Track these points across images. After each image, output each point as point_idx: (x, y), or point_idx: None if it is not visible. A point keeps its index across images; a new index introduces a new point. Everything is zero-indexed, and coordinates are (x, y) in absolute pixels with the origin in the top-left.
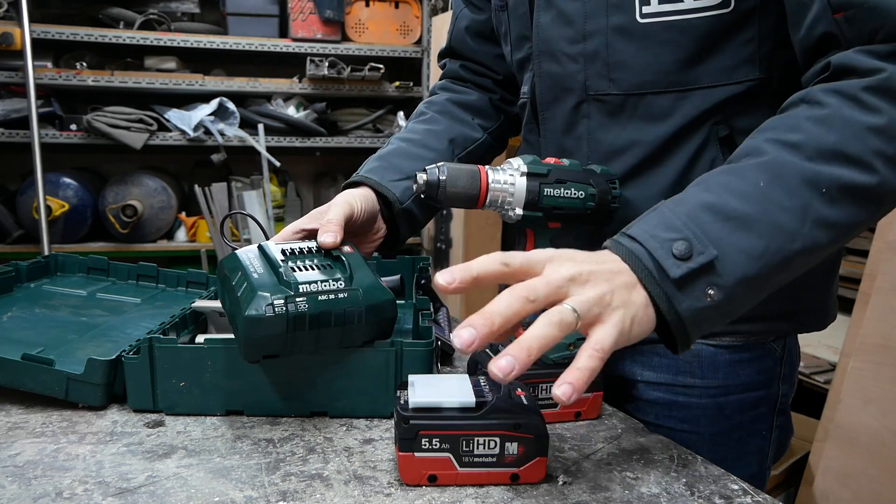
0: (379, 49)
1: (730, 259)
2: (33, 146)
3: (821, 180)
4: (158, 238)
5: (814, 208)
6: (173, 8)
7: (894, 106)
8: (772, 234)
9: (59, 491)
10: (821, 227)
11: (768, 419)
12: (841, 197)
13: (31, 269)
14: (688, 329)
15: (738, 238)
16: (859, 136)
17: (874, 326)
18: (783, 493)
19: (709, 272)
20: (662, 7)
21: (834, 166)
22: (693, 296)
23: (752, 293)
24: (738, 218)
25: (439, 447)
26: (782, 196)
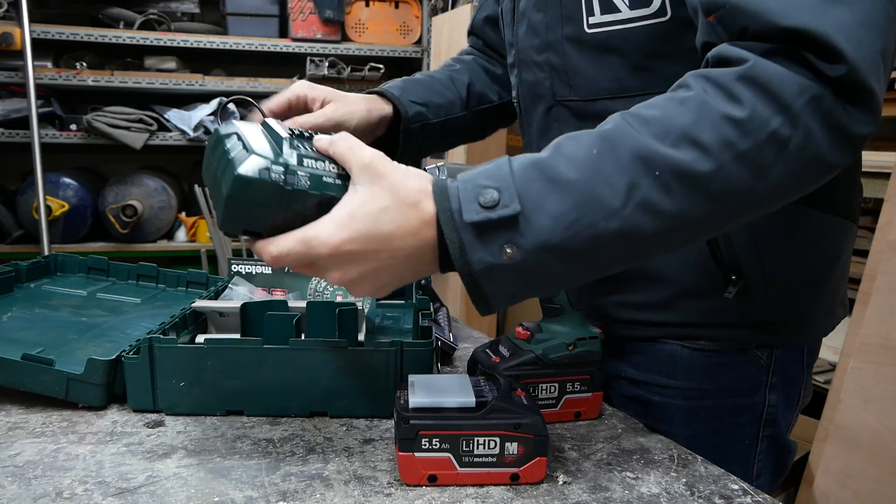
0: (379, 49)
1: (535, 220)
2: (33, 146)
3: (656, 161)
4: (158, 238)
5: (641, 189)
6: (173, 8)
7: (759, 99)
8: (588, 206)
9: (59, 491)
10: (646, 213)
11: (751, 428)
12: (674, 183)
13: (31, 270)
14: (480, 283)
15: (551, 201)
16: (714, 122)
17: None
18: (783, 493)
19: (510, 228)
20: (605, 17)
21: (676, 149)
22: (489, 249)
23: (558, 266)
24: (559, 181)
25: (439, 447)
26: (612, 169)
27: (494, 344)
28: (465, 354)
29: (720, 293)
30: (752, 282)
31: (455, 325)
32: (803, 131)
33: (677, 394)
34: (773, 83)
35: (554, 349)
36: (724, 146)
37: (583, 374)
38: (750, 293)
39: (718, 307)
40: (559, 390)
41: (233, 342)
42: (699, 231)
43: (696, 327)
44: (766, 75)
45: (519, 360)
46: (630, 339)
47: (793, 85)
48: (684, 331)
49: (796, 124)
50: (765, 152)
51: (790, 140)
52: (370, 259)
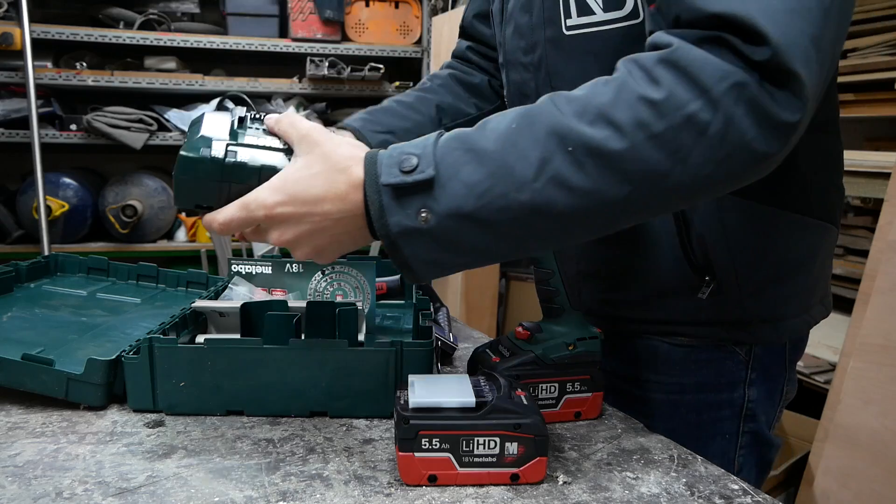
0: (379, 49)
1: (450, 187)
2: (33, 146)
3: (570, 137)
4: (158, 238)
5: (554, 164)
6: (173, 8)
7: (677, 82)
8: (500, 177)
9: (59, 491)
10: (557, 187)
11: (732, 423)
12: (586, 160)
13: (31, 270)
14: (398, 246)
15: (467, 170)
16: (629, 102)
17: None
18: (783, 493)
19: (425, 192)
20: (581, 20)
21: (591, 127)
22: (405, 213)
23: (473, 234)
24: (476, 151)
25: (439, 447)
26: (526, 142)
27: (494, 344)
28: (465, 354)
29: (695, 293)
30: (726, 282)
31: (455, 325)
32: (724, 116)
33: (658, 388)
34: (694, 67)
35: (554, 349)
36: (638, 126)
37: (583, 374)
38: (723, 292)
39: (693, 306)
40: (559, 390)
41: (233, 342)
42: (618, 213)
43: (674, 324)
44: (688, 59)
45: (519, 360)
46: (613, 334)
47: (715, 70)
48: (664, 327)
49: (716, 109)
50: (681, 135)
51: (709, 125)
52: (304, 221)
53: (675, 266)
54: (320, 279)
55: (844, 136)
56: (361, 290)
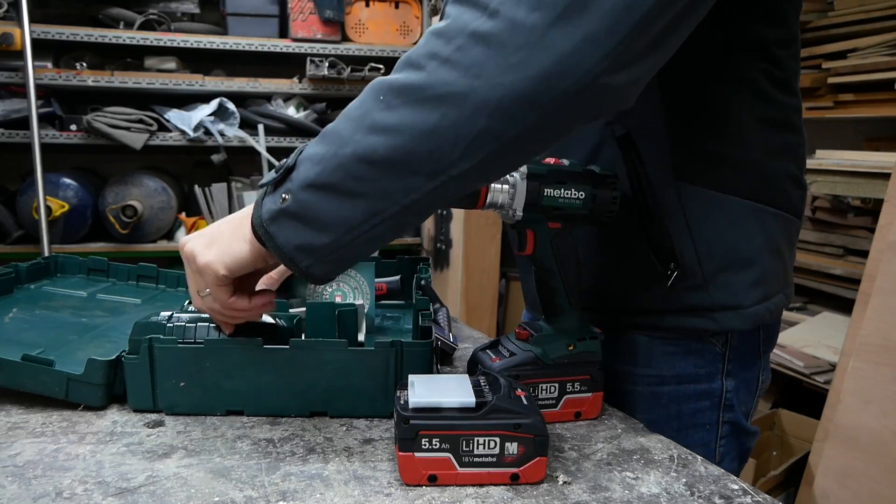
0: (379, 49)
1: (301, 167)
2: (33, 146)
3: (381, 88)
4: (158, 238)
5: (370, 115)
6: (173, 8)
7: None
8: (331, 142)
9: (59, 491)
10: (375, 132)
11: (712, 413)
12: (395, 101)
13: (31, 271)
14: (268, 229)
15: (314, 148)
16: (424, 42)
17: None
18: (783, 493)
19: (285, 180)
20: None
21: (396, 73)
22: (272, 200)
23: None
24: (325, 132)
25: (439, 447)
26: (352, 108)
27: (494, 344)
28: (465, 354)
29: (662, 282)
30: (690, 270)
31: (455, 325)
32: (504, 20)
33: (638, 381)
34: None
35: (554, 349)
36: (430, 57)
37: (583, 374)
38: (687, 279)
39: (661, 295)
40: (559, 390)
41: (233, 342)
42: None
43: (645, 314)
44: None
45: (519, 360)
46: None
47: None
48: (639, 318)
49: (495, 17)
50: (469, 53)
51: (490, 31)
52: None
53: (642, 256)
54: None
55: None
56: (361, 290)
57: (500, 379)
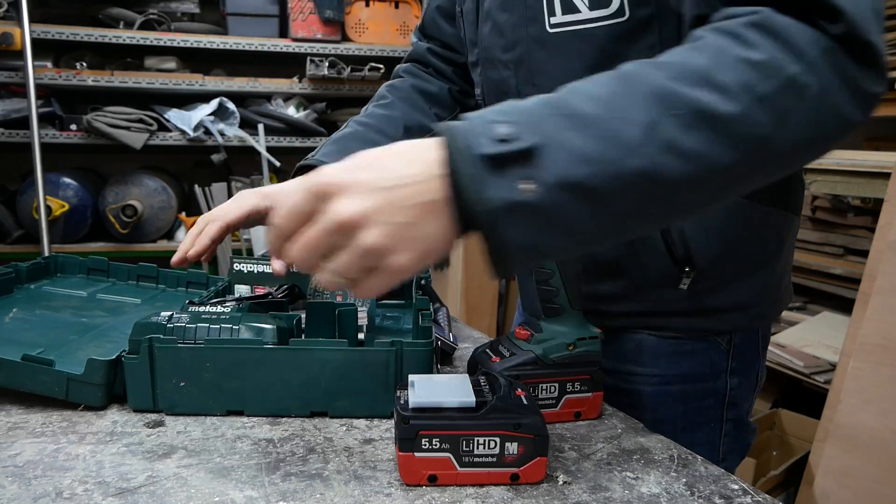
0: (379, 49)
1: (554, 154)
2: (33, 146)
3: (675, 101)
4: (158, 238)
5: (662, 128)
6: (173, 8)
7: (774, 45)
8: (608, 142)
9: (59, 491)
10: (668, 152)
11: (716, 411)
12: (697, 123)
13: (31, 271)
14: (498, 224)
15: (570, 136)
16: (732, 65)
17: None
18: (783, 493)
19: (526, 161)
20: (565, 18)
21: (695, 89)
22: (505, 184)
23: (580, 208)
24: (576, 116)
25: (439, 447)
26: (631, 106)
27: (494, 344)
28: (465, 354)
29: (676, 284)
30: (704, 273)
31: (455, 325)
32: (820, 80)
33: (645, 380)
34: (787, 32)
35: (554, 349)
36: (745, 88)
37: (583, 374)
38: (702, 283)
39: (674, 297)
40: (559, 390)
41: (233, 342)
42: (724, 182)
43: (656, 316)
44: (779, 24)
45: (519, 361)
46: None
47: (805, 35)
48: (648, 320)
49: (814, 72)
50: (785, 97)
51: (809, 88)
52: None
53: (657, 259)
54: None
55: None
56: None
57: (500, 379)
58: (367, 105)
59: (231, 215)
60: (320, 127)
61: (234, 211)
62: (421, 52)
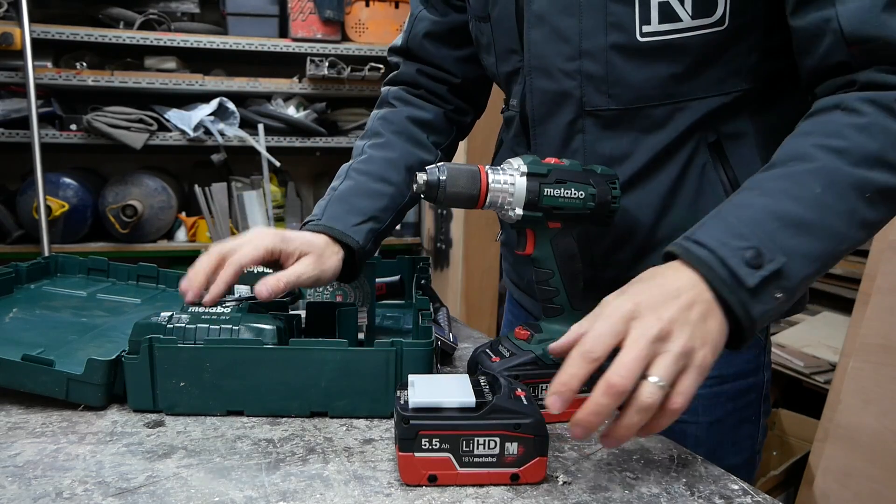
0: (379, 49)
1: (794, 263)
2: (33, 146)
3: (866, 186)
4: (158, 238)
5: (859, 212)
6: (173, 8)
7: None
8: (828, 238)
9: (59, 491)
10: (863, 228)
11: (757, 405)
12: (880, 199)
13: (31, 271)
14: (756, 329)
15: (799, 242)
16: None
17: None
18: (783, 493)
19: (778, 277)
20: (662, 27)
21: (875, 171)
22: (764, 300)
23: (805, 288)
24: (799, 224)
25: (439, 447)
26: (836, 202)
27: (494, 344)
28: (465, 354)
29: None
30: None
31: (455, 325)
32: None
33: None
34: None
35: None
36: None
37: None
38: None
39: None
40: None
41: (233, 342)
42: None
43: None
44: None
45: (519, 361)
46: None
47: None
48: None
49: None
50: None
51: None
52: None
53: None
54: None
55: None
56: (361, 290)
57: (500, 379)
58: (362, 144)
59: (246, 258)
60: (320, 127)
61: (250, 253)
62: (409, 74)
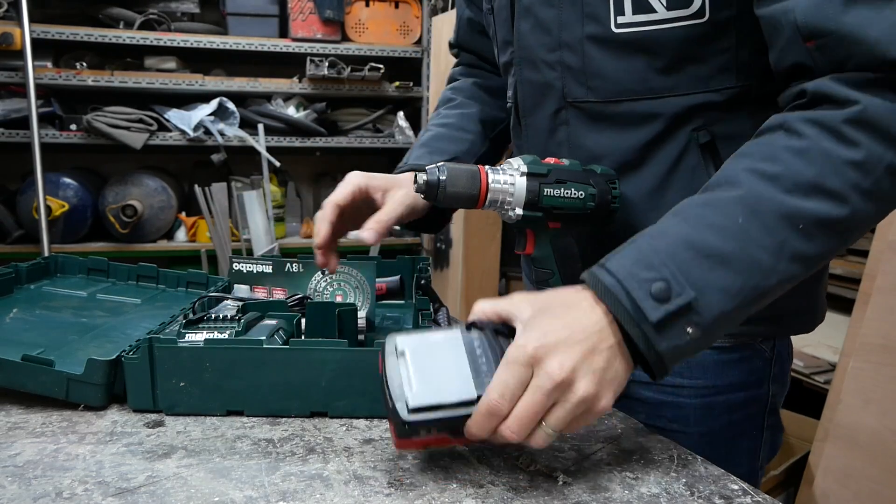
0: (379, 49)
1: (708, 298)
2: (33, 146)
3: (798, 216)
4: (158, 238)
5: (790, 244)
6: (173, 8)
7: (872, 139)
8: (749, 272)
9: (59, 491)
10: (796, 262)
11: (758, 419)
12: (816, 231)
13: (31, 271)
14: (666, 364)
15: (716, 276)
16: (838, 170)
17: (874, 326)
18: (783, 493)
19: (688, 312)
20: (637, 17)
21: (811, 200)
22: (672, 335)
23: (730, 324)
24: (716, 256)
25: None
26: (760, 233)
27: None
28: None
29: None
30: None
31: (455, 325)
32: None
33: (691, 392)
34: (885, 122)
35: None
36: (852, 189)
37: None
38: None
39: None
40: None
41: (233, 342)
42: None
43: None
44: (878, 115)
45: None
46: None
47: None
48: None
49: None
50: (884, 184)
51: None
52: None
53: None
54: (320, 279)
55: None
56: (361, 290)
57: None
58: (437, 109)
59: (339, 196)
60: (320, 127)
61: (341, 191)
62: (468, 59)
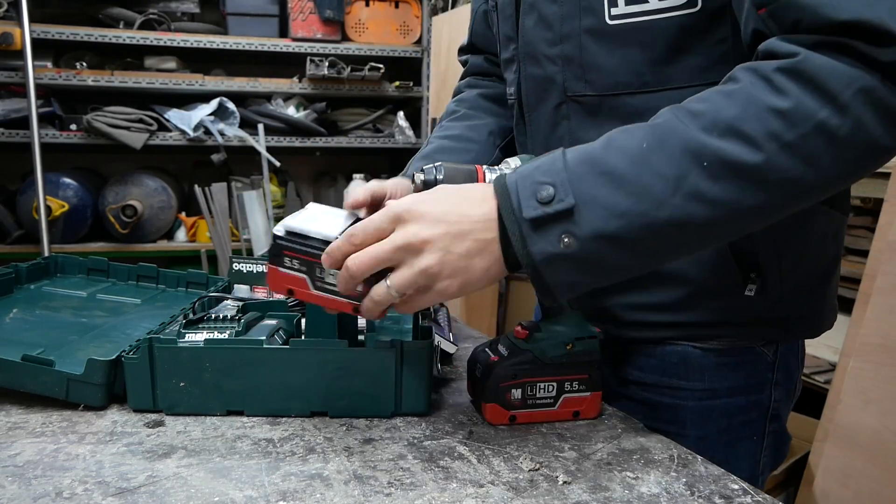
0: (379, 49)
1: (589, 211)
2: (33, 146)
3: (705, 153)
4: (158, 238)
5: (690, 180)
6: (173, 8)
7: (803, 91)
8: (639, 196)
9: (59, 491)
10: (696, 201)
11: (759, 424)
12: (723, 173)
13: (31, 271)
14: (541, 272)
15: (603, 193)
16: (759, 115)
17: (874, 326)
18: (783, 493)
19: (565, 220)
20: (630, 8)
21: (723, 141)
22: (546, 240)
23: (615, 254)
24: (609, 174)
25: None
26: (661, 161)
27: (494, 343)
28: (465, 354)
29: (739, 291)
30: (770, 278)
31: (455, 325)
32: (853, 120)
33: (689, 395)
34: (821, 75)
35: (552, 348)
36: (770, 137)
37: (581, 373)
38: (766, 290)
39: (736, 305)
40: (557, 389)
41: (233, 342)
42: (751, 219)
43: (711, 327)
44: (814, 68)
45: (517, 359)
46: (639, 341)
47: (841, 76)
48: (699, 331)
49: (845, 114)
50: (812, 142)
51: (839, 129)
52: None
53: (719, 263)
54: None
55: None
56: None
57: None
58: (440, 121)
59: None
60: (320, 127)
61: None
62: (477, 64)
